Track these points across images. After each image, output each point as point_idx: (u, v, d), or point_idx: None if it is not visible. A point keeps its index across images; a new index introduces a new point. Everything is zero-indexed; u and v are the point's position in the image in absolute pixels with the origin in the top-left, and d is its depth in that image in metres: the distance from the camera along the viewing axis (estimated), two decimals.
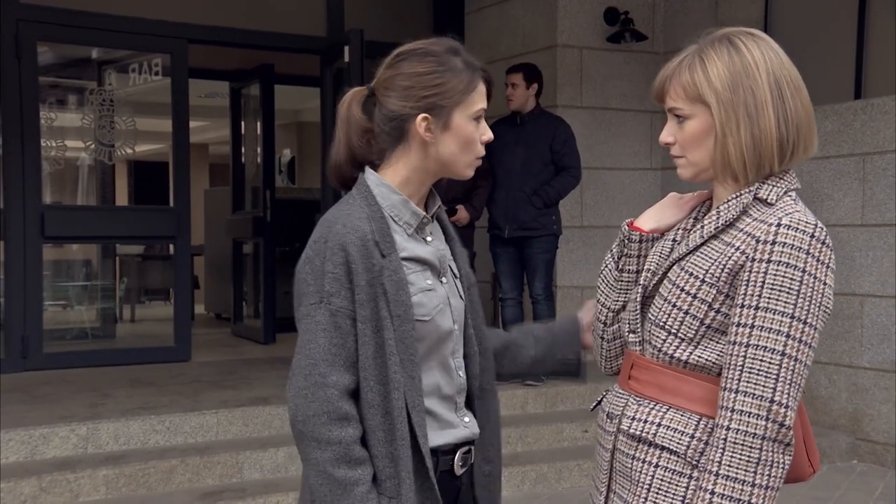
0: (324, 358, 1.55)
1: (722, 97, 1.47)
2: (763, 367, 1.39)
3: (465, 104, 1.61)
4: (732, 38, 1.51)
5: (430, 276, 1.64)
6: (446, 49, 1.63)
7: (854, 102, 5.35)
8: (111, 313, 7.62)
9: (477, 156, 1.67)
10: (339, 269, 1.55)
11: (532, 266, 5.39)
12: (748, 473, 1.38)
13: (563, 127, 5.39)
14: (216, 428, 4.49)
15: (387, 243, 1.58)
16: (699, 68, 1.49)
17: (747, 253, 1.43)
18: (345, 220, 1.58)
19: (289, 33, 6.45)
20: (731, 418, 1.40)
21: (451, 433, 1.66)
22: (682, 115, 1.52)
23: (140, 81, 6.65)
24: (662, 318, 1.51)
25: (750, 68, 1.48)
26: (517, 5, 6.53)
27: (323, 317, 1.56)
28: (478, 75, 1.63)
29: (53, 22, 5.78)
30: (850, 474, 4.96)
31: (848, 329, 5.28)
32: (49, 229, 5.79)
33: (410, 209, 1.64)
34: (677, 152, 1.56)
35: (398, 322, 1.55)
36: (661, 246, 1.61)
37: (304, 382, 1.56)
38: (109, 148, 6.44)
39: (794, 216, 1.43)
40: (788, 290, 1.39)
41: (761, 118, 1.46)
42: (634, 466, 1.51)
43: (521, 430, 4.89)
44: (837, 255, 5.30)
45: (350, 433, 1.55)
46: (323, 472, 1.54)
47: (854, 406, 5.25)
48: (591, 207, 6.28)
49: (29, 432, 4.13)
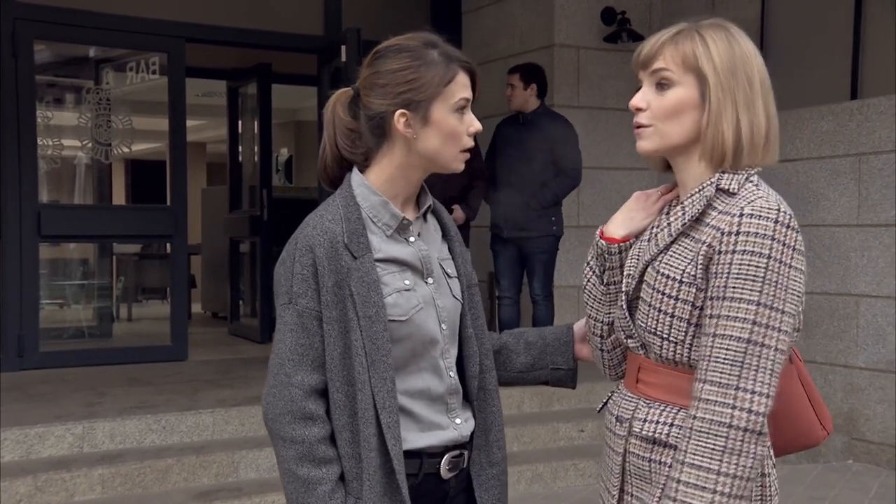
0: (290, 358, 1.57)
1: (721, 76, 1.46)
2: (728, 355, 1.39)
3: (443, 96, 1.59)
4: (728, 27, 1.52)
5: (408, 277, 1.63)
6: (423, 43, 1.62)
7: (850, 103, 5.36)
8: (108, 312, 7.60)
9: (463, 147, 1.64)
10: (307, 271, 1.57)
11: (531, 266, 5.39)
12: (713, 461, 1.37)
13: (566, 127, 5.39)
14: (212, 427, 4.49)
15: (358, 245, 1.58)
16: (699, 42, 1.48)
17: (714, 246, 1.43)
18: (316, 222, 1.60)
19: (286, 32, 6.45)
20: (699, 407, 1.40)
21: (437, 435, 1.64)
22: (668, 81, 1.49)
23: (137, 80, 6.64)
24: (652, 325, 1.51)
25: (747, 57, 1.48)
26: (514, 5, 6.53)
27: (291, 317, 1.58)
28: (456, 65, 1.61)
29: (50, 21, 5.77)
30: (845, 474, 4.97)
31: (844, 329, 5.29)
32: (45, 228, 5.78)
33: (390, 211, 1.63)
34: (646, 120, 1.52)
35: (367, 323, 1.55)
36: (638, 248, 1.60)
37: (272, 381, 1.59)
38: (106, 147, 6.43)
39: (756, 203, 1.42)
40: (754, 277, 1.38)
41: (757, 108, 1.47)
42: (652, 468, 1.50)
43: (517, 430, 4.89)
44: (833, 255, 5.32)
45: (315, 432, 1.56)
46: (288, 469, 1.57)
47: (850, 406, 5.26)
48: (589, 207, 6.29)
49: (24, 431, 4.13)
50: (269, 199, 7.42)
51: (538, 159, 5.32)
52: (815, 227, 5.40)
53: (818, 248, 5.40)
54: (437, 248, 1.73)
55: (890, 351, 5.05)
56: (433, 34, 1.64)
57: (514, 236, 5.33)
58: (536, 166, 5.31)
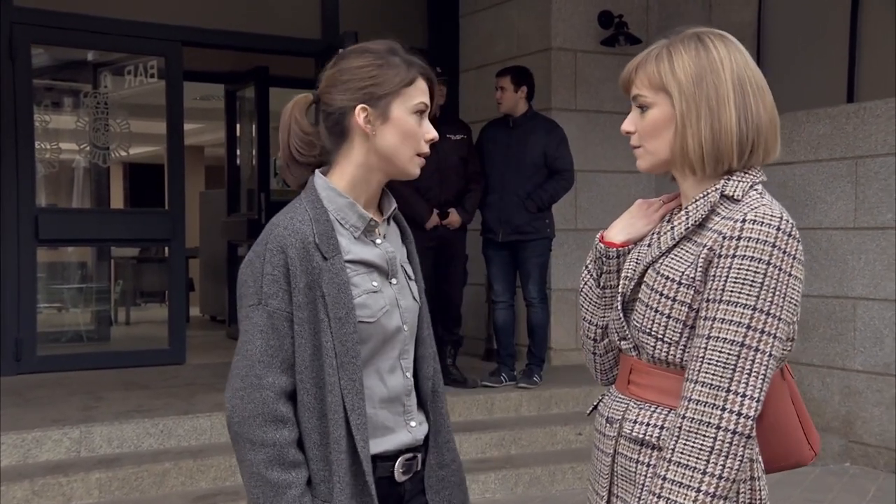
0: (260, 359, 1.56)
1: (684, 88, 1.49)
2: (721, 357, 1.40)
3: (403, 96, 1.62)
4: (702, 36, 1.54)
5: (376, 278, 1.65)
6: (386, 48, 1.66)
7: (847, 106, 5.37)
8: (106, 316, 7.61)
9: (419, 152, 1.66)
10: (278, 272, 1.56)
11: (526, 270, 5.38)
12: (700, 461, 1.38)
13: (556, 130, 5.39)
14: (210, 431, 4.49)
15: (329, 246, 1.58)
16: (666, 60, 1.52)
17: (714, 249, 1.44)
18: (286, 223, 1.59)
19: (284, 36, 6.46)
20: (688, 407, 1.41)
21: (391, 440, 1.65)
22: (644, 104, 1.54)
23: (135, 84, 6.65)
24: (647, 325, 1.52)
25: (715, 64, 1.49)
26: (512, 8, 6.54)
27: (260, 318, 1.57)
28: (416, 70, 1.64)
29: (47, 24, 5.77)
30: (842, 476, 4.97)
31: (841, 332, 5.29)
32: (43, 232, 5.78)
33: (357, 212, 1.64)
34: (636, 142, 1.58)
35: (338, 324, 1.56)
36: (637, 252, 1.62)
37: (240, 384, 1.57)
38: (104, 150, 6.44)
39: (760, 210, 1.43)
40: (752, 282, 1.40)
41: (722, 113, 1.48)
42: (639, 470, 1.51)
43: (514, 433, 4.90)
44: (830, 258, 5.33)
45: (285, 435, 1.55)
46: (256, 473, 1.55)
47: (847, 409, 5.26)
48: (586, 210, 6.29)
49: (22, 436, 4.13)
50: (267, 203, 7.42)
51: (530, 162, 5.31)
52: (812, 231, 5.41)
53: (815, 252, 5.41)
54: (399, 251, 1.75)
55: (887, 353, 5.06)
56: (396, 42, 1.68)
57: (510, 240, 5.33)
58: (529, 169, 5.31)
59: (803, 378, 5.42)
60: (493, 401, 5.17)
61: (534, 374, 5.40)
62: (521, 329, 5.78)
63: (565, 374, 5.84)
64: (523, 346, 5.71)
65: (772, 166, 4.46)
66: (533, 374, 5.39)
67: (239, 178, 8.35)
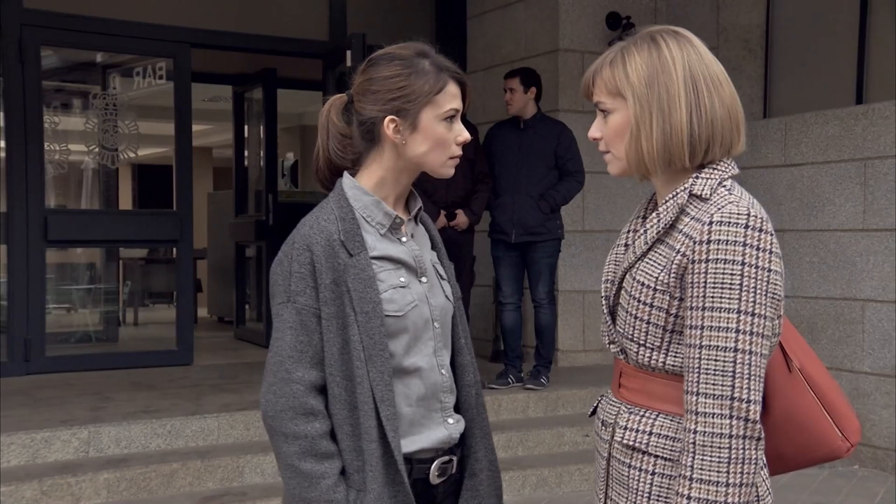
0: (290, 355, 1.60)
1: (637, 92, 1.49)
2: (718, 366, 1.39)
3: (433, 105, 1.63)
4: (655, 35, 1.53)
5: (404, 275, 1.67)
6: (415, 52, 1.66)
7: (855, 107, 5.35)
8: (114, 316, 7.63)
9: (451, 155, 1.68)
10: (305, 269, 1.60)
11: (535, 271, 5.38)
12: (721, 474, 1.38)
13: (565, 132, 5.39)
14: (217, 432, 4.50)
15: (354, 243, 1.61)
16: (620, 64, 1.52)
17: (687, 255, 1.44)
18: (312, 222, 1.64)
19: (291, 38, 6.47)
20: (697, 421, 1.40)
21: (427, 436, 1.67)
22: (605, 110, 1.55)
23: (144, 85, 6.68)
24: (629, 331, 1.52)
25: (666, 64, 1.49)
26: (519, 10, 6.54)
27: (290, 315, 1.60)
28: (446, 76, 1.65)
29: (57, 26, 5.80)
30: (850, 479, 4.95)
31: (849, 334, 5.27)
32: (52, 233, 5.81)
33: (382, 210, 1.67)
34: (603, 147, 1.59)
35: (364, 318, 1.58)
36: (615, 253, 1.63)
37: (272, 378, 1.61)
38: (113, 152, 6.46)
39: (726, 210, 1.42)
40: (731, 285, 1.39)
41: (673, 114, 1.47)
42: (631, 475, 1.52)
43: (521, 434, 4.90)
44: (838, 260, 5.32)
45: (316, 427, 1.59)
46: (291, 465, 1.59)
47: (856, 411, 5.24)
48: (593, 212, 6.29)
49: (31, 436, 4.15)
50: (275, 204, 7.44)
51: (542, 164, 5.31)
52: (820, 232, 5.39)
53: (823, 253, 5.39)
54: (428, 252, 1.77)
55: (895, 356, 5.04)
56: (426, 45, 1.68)
57: (522, 241, 5.32)
58: (541, 171, 5.31)
59: None
60: (501, 402, 5.17)
61: (541, 376, 5.39)
62: (527, 331, 5.77)
63: (572, 375, 5.84)
64: (530, 347, 5.70)
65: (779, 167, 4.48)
66: (540, 376, 5.39)
67: (247, 179, 8.37)
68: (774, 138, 5.71)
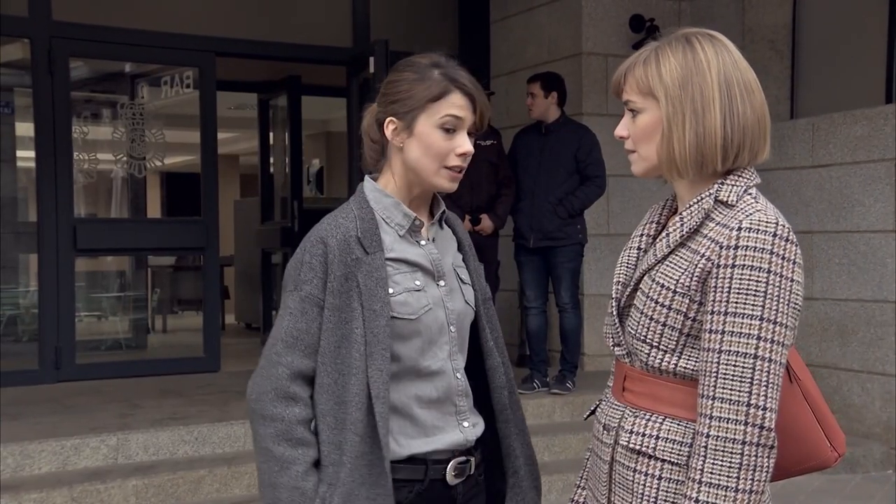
0: (283, 339, 1.61)
1: (670, 92, 1.48)
2: (737, 371, 1.39)
3: (429, 111, 1.64)
4: (690, 37, 1.52)
5: (419, 278, 1.67)
6: (429, 62, 1.68)
7: (885, 107, 5.28)
8: (143, 324, 7.70)
9: (445, 165, 1.66)
10: (316, 260, 1.62)
11: (557, 275, 5.36)
12: (731, 479, 1.38)
13: (588, 136, 5.36)
14: (244, 438, 4.52)
15: (372, 242, 1.63)
16: (653, 63, 1.51)
17: (713, 259, 1.43)
18: (331, 220, 1.68)
19: (315, 45, 6.51)
20: (711, 425, 1.40)
21: (442, 439, 1.66)
22: (634, 109, 1.54)
23: (171, 94, 6.75)
24: (642, 332, 1.51)
25: (701, 66, 1.48)
26: (542, 14, 6.53)
27: (293, 302, 1.63)
28: (452, 85, 1.65)
29: (85, 38, 5.87)
30: (884, 484, 4.87)
31: (881, 336, 5.19)
32: (81, 242, 5.87)
33: (402, 211, 1.69)
34: (630, 146, 1.58)
35: (371, 316, 1.59)
36: (627, 256, 1.62)
37: (262, 362, 1.64)
38: (140, 160, 6.53)
39: (755, 217, 1.42)
40: (755, 292, 1.39)
41: (707, 116, 1.47)
42: (637, 479, 1.51)
43: (548, 439, 4.87)
44: (869, 261, 5.24)
45: (295, 413, 1.59)
46: (265, 448, 1.59)
47: (888, 415, 5.16)
48: (618, 215, 6.25)
49: (61, 443, 4.19)
50: (301, 210, 7.48)
51: (563, 168, 5.29)
52: (850, 234, 5.32)
53: (853, 255, 5.32)
54: (452, 255, 1.77)
55: None
56: (446, 56, 1.70)
57: (541, 246, 5.31)
58: (561, 175, 5.29)
59: (842, 383, 5.33)
60: (526, 407, 5.10)
61: (567, 381, 5.37)
62: (553, 335, 5.75)
63: (598, 379, 5.78)
64: (556, 352, 5.68)
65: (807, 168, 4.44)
66: (566, 381, 5.36)
67: (272, 186, 8.42)
68: (802, 139, 5.64)
